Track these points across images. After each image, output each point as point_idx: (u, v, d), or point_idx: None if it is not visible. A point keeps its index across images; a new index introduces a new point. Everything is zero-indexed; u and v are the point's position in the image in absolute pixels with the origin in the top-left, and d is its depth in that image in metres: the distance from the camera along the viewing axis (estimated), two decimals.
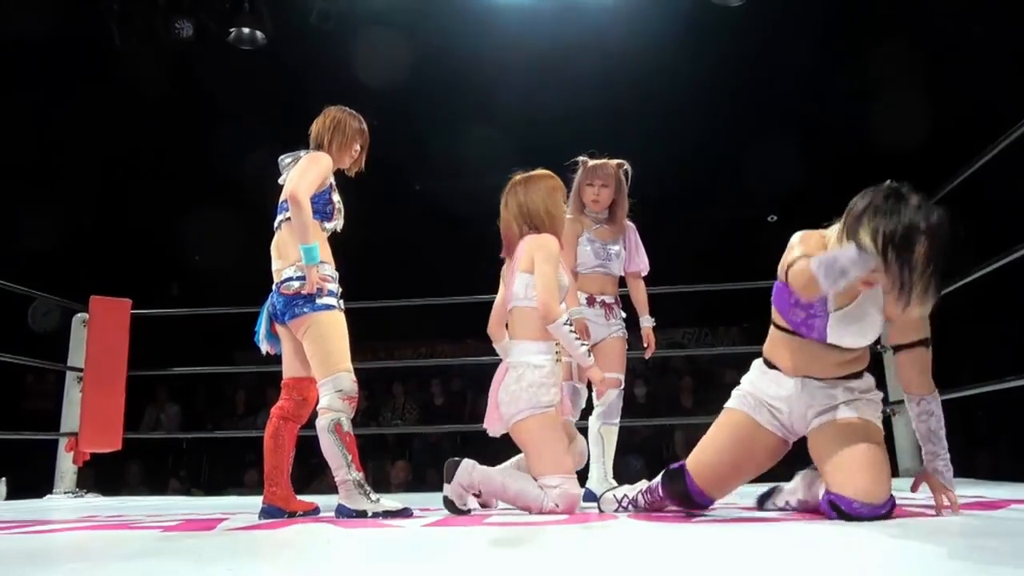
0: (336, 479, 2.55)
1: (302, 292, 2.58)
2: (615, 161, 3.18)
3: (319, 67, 6.16)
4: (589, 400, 3.17)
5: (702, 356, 8.03)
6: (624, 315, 3.24)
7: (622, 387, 3.16)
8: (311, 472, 6.32)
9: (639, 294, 3.30)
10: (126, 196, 7.41)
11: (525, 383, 2.49)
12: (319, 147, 2.74)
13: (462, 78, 6.46)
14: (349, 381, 2.60)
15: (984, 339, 5.44)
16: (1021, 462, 3.53)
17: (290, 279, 2.61)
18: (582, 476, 3.15)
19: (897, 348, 2.07)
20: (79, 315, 4.59)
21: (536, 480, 2.45)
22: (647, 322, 3.28)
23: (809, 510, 2.14)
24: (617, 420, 3.19)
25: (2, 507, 3.69)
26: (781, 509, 2.26)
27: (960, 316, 4.66)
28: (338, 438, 2.53)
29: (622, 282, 3.30)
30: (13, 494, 4.19)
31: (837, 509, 1.93)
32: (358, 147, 2.81)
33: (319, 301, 2.59)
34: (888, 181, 1.90)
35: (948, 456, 2.02)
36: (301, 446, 2.78)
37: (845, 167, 6.54)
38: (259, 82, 6.40)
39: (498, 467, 2.61)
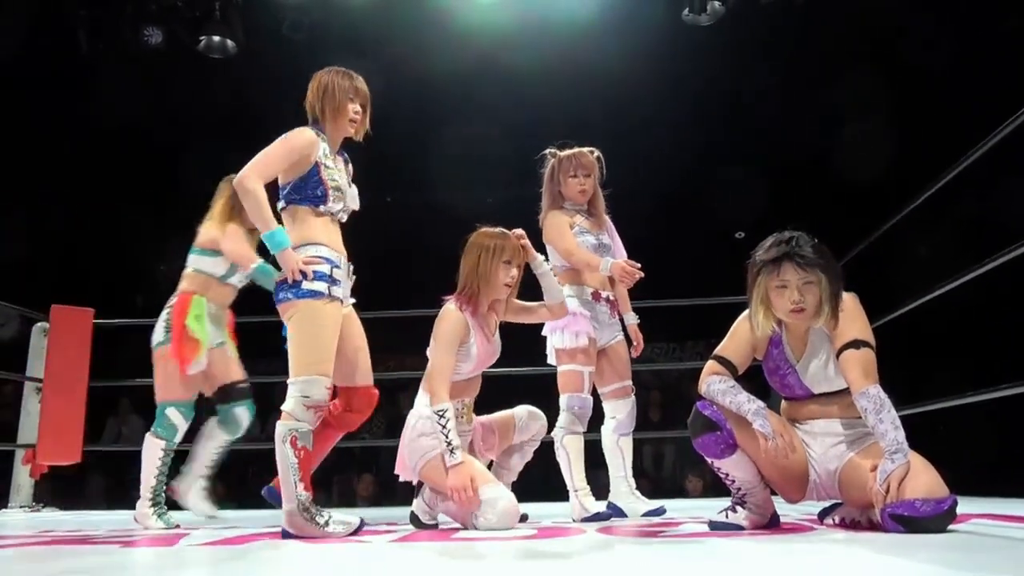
0: (283, 496, 2.33)
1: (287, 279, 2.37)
2: (587, 149, 3.06)
3: (291, 78, 6.11)
4: (598, 409, 3.03)
5: (670, 371, 8.09)
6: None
7: (632, 394, 3.03)
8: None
9: (621, 292, 3.09)
10: (90, 204, 7.28)
11: (415, 433, 2.52)
12: (315, 120, 2.53)
13: (435, 91, 6.46)
14: (321, 388, 2.35)
15: (944, 357, 5.55)
16: (982, 477, 3.60)
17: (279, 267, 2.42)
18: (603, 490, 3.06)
19: (838, 354, 2.09)
20: (39, 324, 4.50)
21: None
22: (632, 319, 3.14)
23: (857, 527, 2.13)
24: (631, 430, 3.02)
25: None
26: (839, 525, 2.22)
27: (920, 334, 4.76)
28: (292, 452, 2.31)
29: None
30: None
31: (901, 519, 1.89)
32: (357, 108, 2.54)
33: (305, 287, 2.35)
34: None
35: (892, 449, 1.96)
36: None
37: (813, 185, 6.67)
38: (229, 92, 6.35)
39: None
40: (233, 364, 3.28)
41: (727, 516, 2.20)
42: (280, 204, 2.49)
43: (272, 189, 2.49)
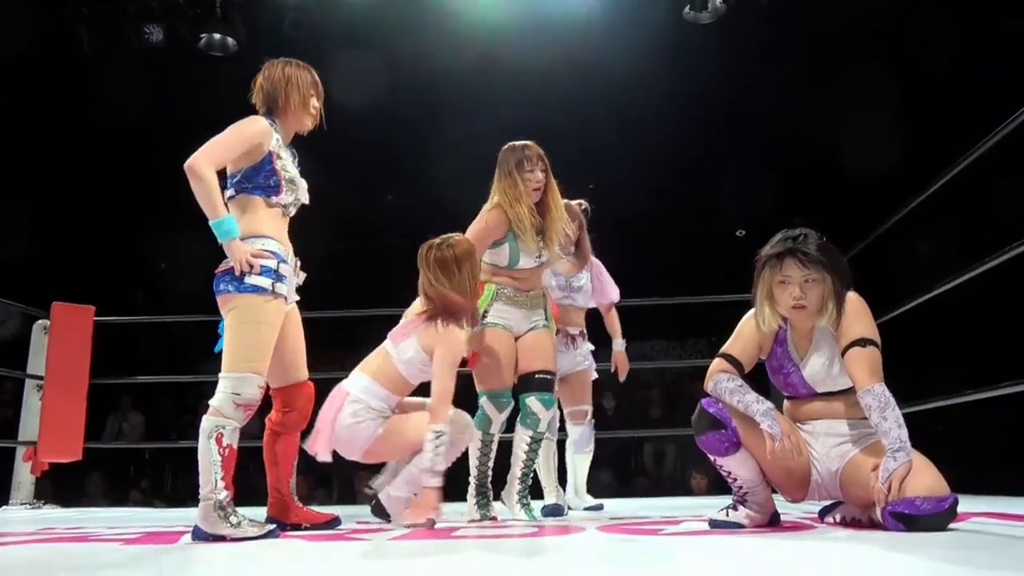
0: (200, 493, 2.24)
1: (230, 270, 2.28)
2: (575, 201, 3.33)
3: None
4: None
5: (671, 368, 8.08)
6: (591, 347, 3.39)
7: (589, 419, 3.33)
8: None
9: (612, 322, 3.49)
10: (91, 202, 7.29)
11: (354, 419, 2.48)
12: (269, 111, 2.48)
13: (436, 89, 6.45)
14: (253, 387, 2.27)
15: (942, 355, 5.55)
16: (981, 475, 3.60)
17: (226, 258, 2.31)
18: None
19: (843, 352, 2.09)
20: (40, 322, 4.50)
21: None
22: (618, 346, 3.45)
23: (858, 526, 2.12)
24: (589, 448, 3.35)
25: None
26: (840, 523, 2.22)
27: (920, 331, 4.75)
28: (217, 449, 2.23)
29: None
30: None
31: (902, 517, 1.88)
32: (316, 103, 2.53)
33: (248, 281, 2.27)
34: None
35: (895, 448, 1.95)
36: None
37: (813, 183, 6.66)
38: (230, 90, 6.34)
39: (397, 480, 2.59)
40: (540, 351, 2.82)
41: (728, 514, 2.20)
42: (229, 193, 2.40)
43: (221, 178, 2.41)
